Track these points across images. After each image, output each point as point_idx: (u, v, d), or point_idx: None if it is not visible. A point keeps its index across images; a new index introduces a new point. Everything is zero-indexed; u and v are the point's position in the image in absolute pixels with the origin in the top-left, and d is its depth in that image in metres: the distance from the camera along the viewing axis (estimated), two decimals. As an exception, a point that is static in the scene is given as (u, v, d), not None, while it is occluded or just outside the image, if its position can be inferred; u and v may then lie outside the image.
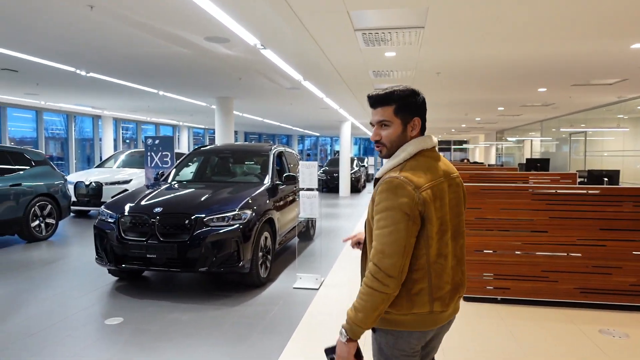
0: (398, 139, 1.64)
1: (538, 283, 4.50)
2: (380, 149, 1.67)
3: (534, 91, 9.23)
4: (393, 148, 1.65)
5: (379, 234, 1.50)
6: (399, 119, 1.62)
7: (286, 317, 4.21)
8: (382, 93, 1.62)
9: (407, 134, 1.64)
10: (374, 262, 1.49)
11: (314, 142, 37.66)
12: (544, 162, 12.78)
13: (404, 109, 1.62)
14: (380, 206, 1.51)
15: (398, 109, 1.62)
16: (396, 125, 1.63)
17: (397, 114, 1.62)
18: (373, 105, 1.65)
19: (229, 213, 4.78)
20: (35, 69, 7.37)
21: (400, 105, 1.62)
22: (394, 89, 1.63)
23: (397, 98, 1.61)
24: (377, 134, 1.66)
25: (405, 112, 1.62)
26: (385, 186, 1.52)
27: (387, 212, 1.49)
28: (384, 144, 1.65)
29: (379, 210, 1.51)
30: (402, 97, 1.62)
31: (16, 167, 7.36)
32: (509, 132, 23.06)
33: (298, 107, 13.04)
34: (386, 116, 1.62)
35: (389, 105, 1.62)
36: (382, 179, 1.57)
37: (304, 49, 5.79)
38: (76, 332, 3.83)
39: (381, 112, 1.63)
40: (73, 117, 16.17)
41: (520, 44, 5.46)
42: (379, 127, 1.65)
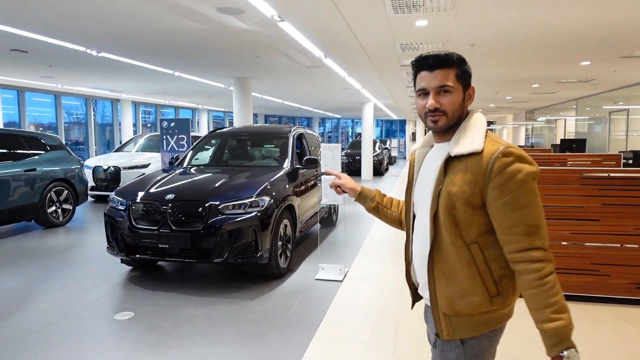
0: (460, 109, 1.42)
1: (588, 277, 4.04)
2: (437, 119, 1.41)
3: (575, 65, 8.52)
4: (453, 119, 1.41)
5: (523, 214, 1.30)
6: (460, 85, 1.41)
7: (308, 313, 3.87)
8: (442, 54, 1.39)
9: (465, 105, 1.44)
10: (537, 246, 1.30)
11: (335, 125, 37.10)
12: (580, 142, 12.04)
13: (465, 74, 1.43)
14: (513, 182, 1.30)
15: (460, 73, 1.41)
16: (458, 92, 1.41)
17: (459, 79, 1.41)
18: (432, 66, 1.39)
19: (245, 200, 4.43)
20: (45, 49, 7.10)
21: (462, 69, 1.41)
22: (451, 52, 1.42)
23: (458, 61, 1.41)
24: (437, 101, 1.40)
25: (465, 78, 1.43)
26: (510, 159, 1.31)
27: (525, 185, 1.30)
28: (445, 112, 1.40)
29: (511, 189, 1.30)
30: (462, 60, 1.42)
31: (31, 152, 7.18)
32: (540, 112, 22.06)
33: (319, 87, 12.57)
34: (449, 80, 1.39)
35: (450, 67, 1.39)
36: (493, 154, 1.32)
37: (326, 20, 5.32)
38: (84, 328, 3.57)
39: (442, 75, 1.39)
40: (92, 101, 16.07)
41: (569, 9, 4.87)
42: (436, 93, 1.40)
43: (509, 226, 1.30)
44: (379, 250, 5.90)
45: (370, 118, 16.51)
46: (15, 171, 6.73)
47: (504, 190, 1.29)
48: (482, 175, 1.31)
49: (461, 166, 1.35)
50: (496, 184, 1.30)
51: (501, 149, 1.31)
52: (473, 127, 1.40)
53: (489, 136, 1.39)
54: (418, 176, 1.54)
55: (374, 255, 5.64)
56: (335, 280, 4.71)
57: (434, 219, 1.39)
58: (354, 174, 17.24)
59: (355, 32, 5.83)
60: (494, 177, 1.30)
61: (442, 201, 1.38)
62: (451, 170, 1.38)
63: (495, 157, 1.30)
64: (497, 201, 1.31)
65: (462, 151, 1.35)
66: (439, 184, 1.39)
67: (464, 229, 1.36)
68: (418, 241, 1.50)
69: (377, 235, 6.69)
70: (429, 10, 4.60)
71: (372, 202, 1.79)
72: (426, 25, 5.34)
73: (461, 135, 1.39)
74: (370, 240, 6.45)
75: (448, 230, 1.37)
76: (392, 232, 6.84)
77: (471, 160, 1.34)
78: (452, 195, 1.36)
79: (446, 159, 1.38)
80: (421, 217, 1.48)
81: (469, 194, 1.34)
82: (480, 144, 1.34)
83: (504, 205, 1.30)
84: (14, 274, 4.92)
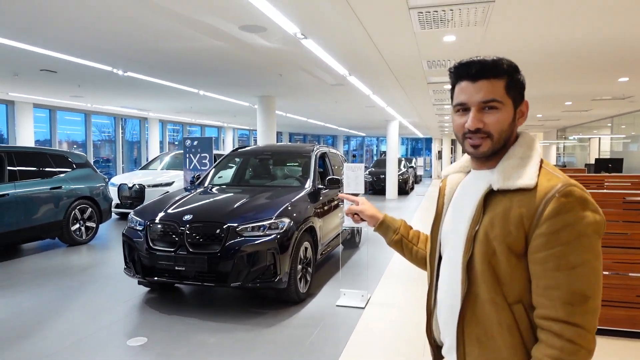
0: (508, 130, 1.13)
1: (633, 311, 3.69)
2: (479, 143, 1.12)
3: (612, 81, 8.13)
4: (499, 142, 1.13)
5: (570, 276, 1.01)
6: (510, 99, 1.13)
7: (327, 344, 3.65)
8: (489, 59, 1.11)
9: (515, 125, 1.16)
10: (577, 323, 0.99)
11: (360, 143, 36.97)
12: (616, 162, 11.48)
13: (518, 85, 1.14)
14: (567, 233, 1.01)
15: (512, 84, 1.12)
16: (508, 109, 1.12)
17: (509, 92, 1.12)
18: (475, 75, 1.11)
19: (265, 222, 4.27)
20: (73, 69, 7.23)
21: (513, 80, 1.12)
22: (500, 57, 1.13)
23: (510, 69, 1.12)
24: (479, 119, 1.11)
25: (518, 91, 1.14)
26: (569, 201, 1.02)
27: (582, 240, 1.01)
28: (490, 134, 1.11)
29: (562, 240, 1.01)
30: (514, 69, 1.13)
31: (57, 169, 7.26)
32: (572, 130, 21.35)
33: (343, 105, 12.47)
34: (496, 94, 1.11)
35: (499, 77, 1.11)
36: (548, 192, 1.04)
37: (350, 37, 5.21)
38: (96, 354, 3.44)
39: (488, 87, 1.11)
40: (120, 119, 16.42)
41: (608, 23, 4.61)
42: (480, 110, 1.12)
43: (548, 287, 1.01)
44: (404, 275, 5.63)
45: (395, 136, 16.29)
46: (41, 189, 6.79)
47: (552, 241, 1.01)
48: (530, 216, 1.04)
49: (505, 203, 1.08)
50: (545, 231, 1.02)
51: (559, 187, 1.03)
52: (525, 154, 1.12)
53: (544, 167, 1.11)
54: (449, 208, 1.27)
55: (398, 281, 5.38)
56: (357, 307, 4.47)
57: (467, 268, 1.11)
58: (379, 192, 16.96)
59: (380, 48, 5.69)
60: (544, 222, 1.02)
61: (478, 246, 1.10)
62: (492, 207, 1.10)
63: (551, 197, 1.02)
64: (541, 252, 1.02)
65: (508, 185, 1.07)
66: (475, 223, 1.12)
67: (506, 284, 1.08)
68: (445, 291, 1.21)
69: (402, 259, 6.42)
70: (458, 25, 4.42)
71: (395, 234, 1.52)
72: (454, 41, 5.15)
73: (509, 163, 1.11)
74: (394, 264, 6.19)
75: (486, 283, 1.09)
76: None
77: (519, 196, 1.07)
78: (491, 239, 1.08)
79: (486, 193, 1.11)
80: (450, 260, 1.20)
81: (513, 239, 1.06)
82: (533, 177, 1.06)
83: (548, 260, 1.01)
84: (33, 293, 4.88)
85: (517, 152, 1.12)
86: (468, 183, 1.23)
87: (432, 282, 1.28)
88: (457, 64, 1.15)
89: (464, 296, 1.11)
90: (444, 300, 1.21)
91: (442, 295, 1.22)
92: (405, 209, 12.77)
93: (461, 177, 1.28)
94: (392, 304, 4.58)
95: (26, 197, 6.53)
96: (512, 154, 1.13)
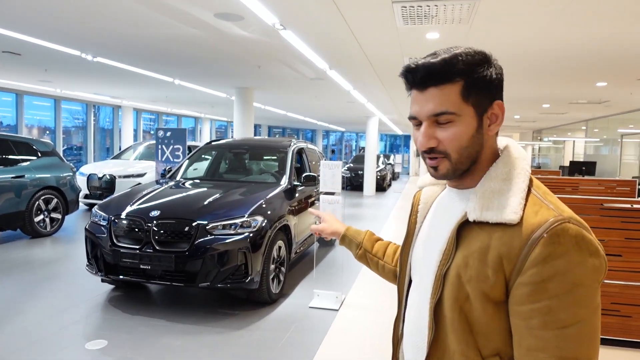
0: (473, 144, 0.90)
1: (607, 318, 3.68)
2: (436, 164, 0.92)
3: (591, 86, 8.20)
4: (462, 162, 0.91)
5: (561, 337, 0.78)
6: (471, 106, 0.89)
7: (299, 348, 3.51)
8: (438, 60, 0.88)
9: (484, 134, 0.91)
10: None
11: (339, 138, 36.89)
12: (590, 165, 11.71)
13: (480, 85, 0.89)
14: (558, 284, 0.78)
15: (470, 87, 0.88)
16: (467, 119, 0.89)
17: (467, 97, 0.88)
18: (421, 82, 0.90)
19: (237, 219, 4.09)
20: (38, 51, 6.85)
21: (472, 80, 0.88)
22: (455, 53, 0.88)
23: (466, 69, 0.88)
24: (431, 136, 0.90)
25: (482, 92, 0.89)
26: (563, 244, 0.79)
27: (577, 292, 0.78)
28: (446, 153, 0.90)
29: (552, 293, 0.78)
30: (476, 64, 0.88)
31: (21, 157, 6.89)
32: (547, 132, 21.72)
33: (323, 100, 12.30)
34: (449, 104, 0.88)
35: (450, 82, 0.88)
36: (535, 229, 0.81)
37: (331, 30, 5.04)
38: (52, 357, 3.21)
39: (437, 96, 0.88)
40: (93, 106, 15.86)
41: (591, 26, 4.57)
42: (432, 124, 0.90)
43: (531, 348, 0.80)
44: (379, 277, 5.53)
45: (375, 133, 16.23)
46: (1, 177, 6.43)
47: (538, 292, 0.79)
48: (512, 260, 0.82)
49: (482, 238, 0.87)
50: (529, 280, 0.80)
51: (550, 224, 0.80)
52: (508, 175, 0.90)
53: (533, 193, 0.89)
54: (421, 229, 1.07)
55: (373, 282, 5.28)
56: (331, 309, 4.35)
57: (435, 311, 0.92)
58: (357, 188, 16.90)
59: (362, 43, 5.55)
60: (529, 268, 0.80)
61: (449, 288, 0.89)
62: (467, 242, 0.89)
63: (538, 237, 0.80)
64: (524, 305, 0.81)
65: (486, 217, 0.86)
66: (446, 259, 0.91)
67: (480, 334, 0.87)
68: (411, 328, 1.02)
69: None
70: (442, 22, 4.30)
71: (358, 249, 1.40)
72: (437, 39, 5.04)
73: (489, 187, 0.89)
74: (370, 263, 6.09)
75: (456, 333, 0.89)
76: (393, 255, 6.47)
77: (499, 232, 0.85)
78: (465, 282, 0.87)
79: (460, 224, 0.90)
80: (418, 294, 1.01)
81: (490, 286, 0.84)
82: (517, 210, 0.84)
83: (532, 315, 0.80)
84: (-13, 289, 4.59)
85: (500, 173, 0.90)
86: (444, 202, 1.02)
87: (401, 309, 1.11)
88: (403, 68, 0.92)
89: (430, 343, 0.93)
90: (410, 337, 1.03)
91: (408, 330, 1.04)
92: (382, 206, 12.73)
93: (438, 190, 1.09)
94: (367, 306, 4.47)
95: (-15, 186, 6.16)
96: (494, 175, 0.90)
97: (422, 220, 1.08)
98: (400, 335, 1.10)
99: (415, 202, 1.14)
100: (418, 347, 0.99)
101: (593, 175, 11.41)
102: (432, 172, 0.94)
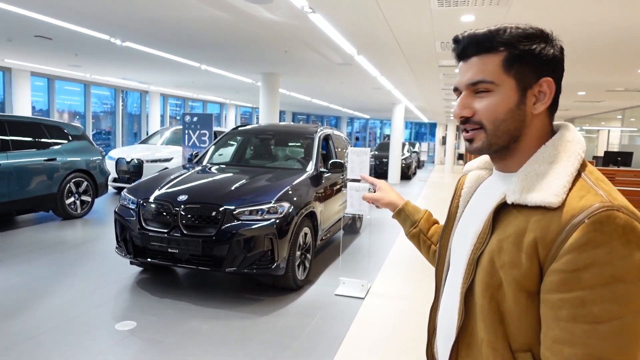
0: (510, 119, 0.86)
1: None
2: (472, 136, 0.89)
3: (631, 72, 7.83)
4: (498, 136, 0.86)
5: (591, 333, 0.71)
6: (512, 78, 0.85)
7: (324, 336, 3.48)
8: (482, 32, 0.87)
9: (527, 110, 0.86)
10: None
11: (363, 125, 36.59)
12: (626, 156, 11.25)
13: (526, 59, 0.85)
14: (594, 275, 0.71)
15: (513, 58, 0.85)
16: (505, 92, 0.85)
17: (509, 68, 0.85)
18: (463, 52, 0.89)
19: (263, 205, 4.07)
20: (69, 36, 6.93)
21: (517, 52, 0.85)
22: (503, 25, 0.87)
23: (512, 39, 0.85)
24: (466, 105, 0.88)
25: (528, 66, 0.85)
26: (600, 229, 0.72)
27: (616, 287, 0.70)
28: (481, 123, 0.87)
29: (585, 284, 0.71)
30: (523, 37, 0.85)
31: (53, 140, 7.04)
32: (580, 121, 21.01)
33: (349, 86, 12.15)
34: (487, 73, 0.85)
35: (492, 52, 0.86)
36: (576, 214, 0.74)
37: (361, 13, 4.91)
38: (83, 337, 3.28)
39: (477, 65, 0.87)
40: (121, 92, 16.10)
41: (632, 9, 4.31)
42: (470, 93, 0.89)
43: (557, 340, 0.74)
44: (406, 264, 5.46)
45: (401, 120, 15.98)
46: (35, 160, 6.59)
47: (570, 281, 0.72)
48: (547, 245, 0.75)
49: (520, 222, 0.81)
50: (562, 267, 0.73)
51: (594, 209, 0.73)
52: (556, 158, 0.83)
53: (584, 177, 0.81)
54: (464, 212, 1.02)
55: (400, 271, 5.20)
56: (357, 297, 4.31)
57: (465, 297, 0.88)
58: (381, 176, 16.76)
59: (393, 26, 5.39)
60: (564, 255, 0.73)
61: (481, 273, 0.85)
62: (503, 226, 0.84)
63: (578, 222, 0.73)
64: (554, 293, 0.75)
65: (525, 200, 0.80)
66: (480, 243, 0.87)
67: (512, 326, 0.81)
68: (442, 315, 1.00)
69: (404, 246, 6.24)
70: (479, 3, 4.13)
71: (413, 227, 1.33)
72: (473, 22, 4.85)
73: (533, 169, 0.83)
74: (396, 251, 6.01)
75: (485, 321, 0.84)
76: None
77: (537, 215, 0.79)
78: (498, 268, 0.82)
79: (498, 206, 0.85)
80: (452, 279, 0.98)
81: (523, 273, 0.78)
82: (560, 192, 0.77)
83: (562, 305, 0.73)
84: (23, 268, 4.71)
85: (547, 155, 0.84)
86: (488, 186, 0.98)
87: (438, 296, 1.06)
88: (454, 38, 0.92)
89: (458, 330, 0.89)
90: (441, 325, 1.00)
91: (440, 318, 1.01)
92: (407, 194, 12.57)
93: (484, 175, 1.05)
94: (393, 295, 4.41)
95: (19, 168, 6.32)
96: (540, 157, 0.84)
97: (465, 204, 1.05)
98: (435, 325, 1.07)
99: (458, 187, 1.10)
100: (447, 336, 0.96)
101: (629, 166, 10.97)
102: (468, 145, 0.91)
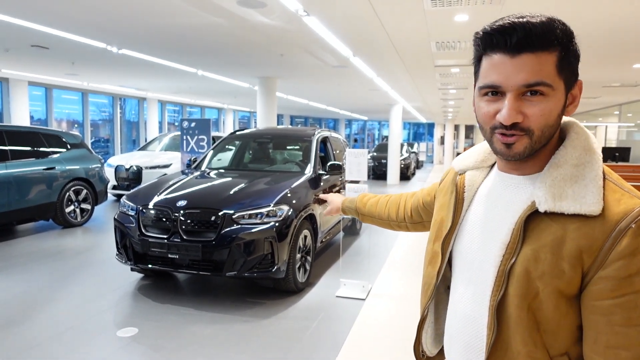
0: (555, 124, 0.81)
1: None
2: (513, 141, 0.80)
3: (627, 68, 7.86)
4: (541, 141, 0.81)
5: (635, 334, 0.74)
6: (562, 81, 0.79)
7: (326, 337, 3.49)
8: (537, 21, 0.77)
9: (561, 115, 0.82)
10: None
11: (362, 127, 36.64)
12: (624, 151, 11.30)
13: (572, 60, 0.80)
14: None
15: (565, 59, 0.79)
16: (559, 96, 0.79)
17: (561, 70, 0.78)
18: (517, 46, 0.77)
19: (262, 209, 4.08)
20: (65, 45, 6.95)
21: (567, 52, 0.79)
22: (550, 17, 0.78)
23: (564, 37, 0.78)
24: (518, 110, 0.78)
25: (571, 68, 0.81)
26: None
27: None
28: (530, 130, 0.79)
29: (636, 288, 0.73)
30: (569, 35, 0.80)
31: (51, 149, 7.05)
32: (577, 118, 21.01)
33: (346, 88, 12.18)
34: (546, 74, 0.77)
35: (549, 50, 0.77)
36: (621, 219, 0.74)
37: (356, 15, 4.94)
38: (83, 345, 3.28)
39: (534, 64, 0.76)
40: (119, 99, 16.12)
41: (635, 3, 4.34)
42: (519, 96, 0.78)
43: (611, 345, 0.75)
44: (406, 264, 5.47)
45: (398, 121, 16.01)
46: (34, 169, 6.60)
47: (623, 287, 0.73)
48: (594, 252, 0.75)
49: (556, 231, 0.79)
50: (613, 274, 0.74)
51: (637, 212, 0.74)
52: (581, 161, 0.81)
53: (608, 179, 0.81)
54: (467, 217, 0.96)
55: (400, 271, 5.21)
56: (358, 298, 4.31)
57: (497, 312, 0.84)
58: (380, 177, 16.77)
59: (387, 28, 5.42)
60: (614, 261, 0.73)
61: (515, 284, 0.81)
62: (536, 235, 0.81)
63: (625, 227, 0.73)
64: (605, 300, 0.75)
65: (562, 208, 0.78)
66: (511, 254, 0.83)
67: (549, 333, 0.81)
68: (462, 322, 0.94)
69: (404, 246, 6.25)
70: (472, 2, 4.15)
71: (358, 214, 1.57)
72: (467, 21, 4.87)
73: (559, 174, 0.80)
74: (396, 252, 6.02)
75: (522, 333, 0.82)
76: (420, 243, 6.38)
77: (576, 223, 0.77)
78: (534, 278, 0.80)
79: (528, 215, 0.82)
80: (474, 294, 0.91)
81: (567, 281, 0.78)
82: (599, 200, 0.76)
83: (615, 311, 0.74)
84: (24, 277, 4.72)
85: (570, 157, 0.81)
86: (497, 190, 0.91)
87: (426, 295, 1.04)
88: (488, 27, 0.80)
89: (490, 347, 0.85)
90: (457, 332, 0.96)
91: (456, 327, 0.96)
92: (406, 195, 12.58)
93: (482, 175, 0.98)
94: (394, 296, 4.42)
95: (18, 177, 6.33)
96: (563, 160, 0.82)
97: (467, 208, 0.98)
98: (422, 320, 1.08)
99: (459, 187, 1.00)
100: (471, 346, 0.92)
101: (627, 161, 11.01)
102: (504, 150, 0.81)
